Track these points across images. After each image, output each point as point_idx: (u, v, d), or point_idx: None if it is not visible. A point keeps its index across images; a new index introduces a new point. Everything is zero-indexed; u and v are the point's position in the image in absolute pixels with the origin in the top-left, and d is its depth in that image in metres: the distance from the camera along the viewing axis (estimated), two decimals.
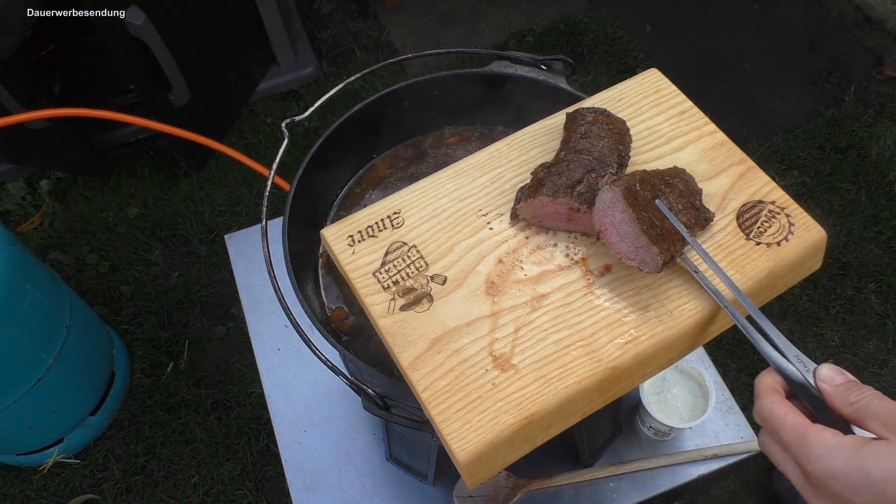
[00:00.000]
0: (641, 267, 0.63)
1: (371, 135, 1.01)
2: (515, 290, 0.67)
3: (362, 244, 0.71)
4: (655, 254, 0.61)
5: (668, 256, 0.62)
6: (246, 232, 1.44)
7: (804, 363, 0.52)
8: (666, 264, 0.62)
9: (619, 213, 0.63)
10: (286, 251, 0.85)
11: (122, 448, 1.75)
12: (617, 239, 0.63)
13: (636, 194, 0.62)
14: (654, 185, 0.64)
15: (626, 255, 0.64)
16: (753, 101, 2.25)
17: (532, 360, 0.63)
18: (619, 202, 0.62)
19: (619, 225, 0.63)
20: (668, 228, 0.62)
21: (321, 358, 0.76)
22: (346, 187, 1.03)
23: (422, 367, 0.63)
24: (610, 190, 0.62)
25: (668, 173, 0.66)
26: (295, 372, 1.26)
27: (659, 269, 0.62)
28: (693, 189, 0.66)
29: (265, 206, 0.86)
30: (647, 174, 0.64)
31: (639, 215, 0.61)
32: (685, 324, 0.64)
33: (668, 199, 0.64)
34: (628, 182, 0.63)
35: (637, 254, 0.63)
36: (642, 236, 0.61)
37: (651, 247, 0.61)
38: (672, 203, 0.64)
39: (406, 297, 0.67)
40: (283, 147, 0.88)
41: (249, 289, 1.36)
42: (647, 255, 0.62)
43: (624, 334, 0.64)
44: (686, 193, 0.65)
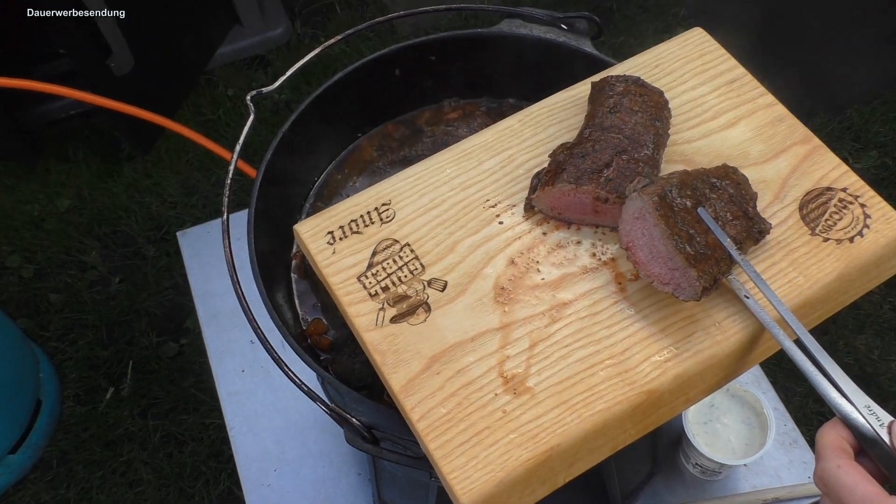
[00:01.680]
0: (676, 293, 0.62)
1: (355, 110, 1.02)
2: (531, 297, 0.67)
3: (344, 242, 0.71)
4: (693, 278, 0.60)
5: (710, 280, 0.60)
6: (203, 228, 1.44)
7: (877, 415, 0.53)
8: (707, 290, 0.60)
9: (649, 227, 0.61)
10: (252, 251, 0.86)
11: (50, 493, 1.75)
12: (647, 258, 0.63)
13: (672, 203, 0.62)
14: (697, 188, 0.63)
15: (658, 279, 0.63)
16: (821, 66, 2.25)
17: (551, 382, 0.63)
18: (649, 213, 0.62)
19: (649, 241, 0.63)
20: (711, 244, 0.61)
21: (295, 381, 0.77)
22: (325, 174, 1.04)
23: (417, 392, 0.63)
24: (639, 198, 0.61)
25: (715, 173, 0.65)
26: (263, 398, 1.26)
27: (697, 296, 0.60)
28: (746, 193, 0.65)
29: (227, 197, 0.86)
30: (687, 175, 0.64)
31: (674, 230, 0.61)
32: (737, 338, 0.65)
33: (713, 208, 0.63)
34: (663, 187, 0.62)
35: (671, 277, 0.62)
36: (678, 256, 0.60)
37: (688, 269, 0.60)
38: (719, 212, 0.63)
39: (398, 307, 0.68)
40: (249, 125, 0.89)
41: (207, 297, 1.36)
42: (683, 278, 0.61)
43: (662, 351, 0.64)
44: (737, 199, 0.64)
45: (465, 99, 1.03)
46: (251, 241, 0.87)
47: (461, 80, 1.02)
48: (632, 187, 0.64)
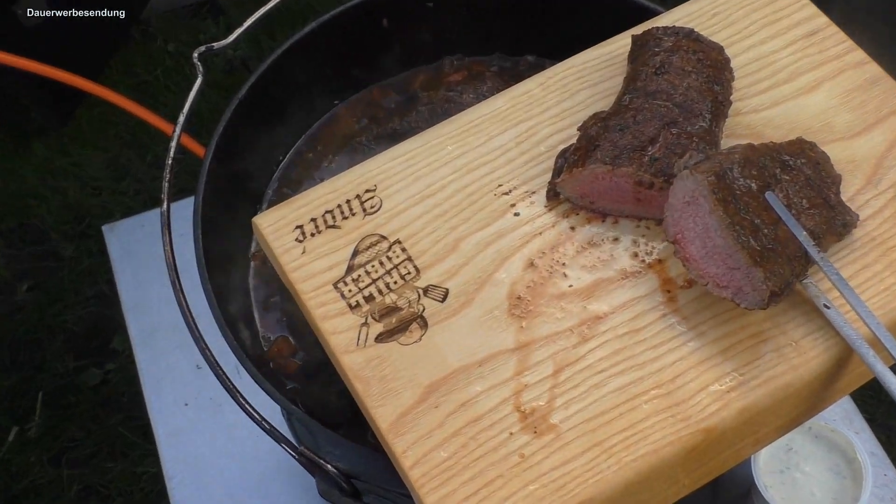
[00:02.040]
0: (737, 300, 0.62)
1: (331, 71, 1.02)
2: (555, 309, 0.68)
3: (317, 239, 0.72)
4: (758, 280, 0.60)
5: (780, 284, 0.60)
6: (136, 221, 1.45)
7: None
8: (776, 297, 0.60)
9: (704, 215, 0.61)
10: (200, 250, 0.86)
11: None
12: (700, 254, 0.63)
13: (733, 184, 0.62)
14: (765, 167, 0.64)
15: (713, 280, 0.63)
16: None
17: (581, 418, 0.63)
18: (704, 197, 0.62)
19: (703, 233, 0.63)
20: (782, 238, 0.62)
21: (254, 417, 0.77)
22: (293, 152, 1.04)
23: (410, 430, 0.63)
24: (691, 177, 0.62)
25: (788, 149, 0.66)
26: (212, 439, 1.27)
27: (764, 303, 0.60)
28: (827, 175, 0.66)
29: (167, 182, 0.87)
30: (752, 151, 0.64)
31: (735, 218, 0.61)
32: (819, 361, 0.65)
33: (785, 192, 0.63)
34: (721, 164, 0.62)
35: (731, 278, 0.61)
36: (739, 252, 0.60)
37: (753, 269, 0.59)
38: (792, 198, 0.63)
39: (385, 322, 0.68)
40: (195, 89, 0.89)
41: (141, 309, 1.37)
42: (745, 280, 0.61)
43: (724, 378, 0.64)
44: (816, 182, 0.65)
45: (472, 56, 1.04)
46: (198, 237, 0.87)
47: (466, 33, 1.02)
48: (681, 164, 0.64)
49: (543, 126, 0.75)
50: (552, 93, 0.77)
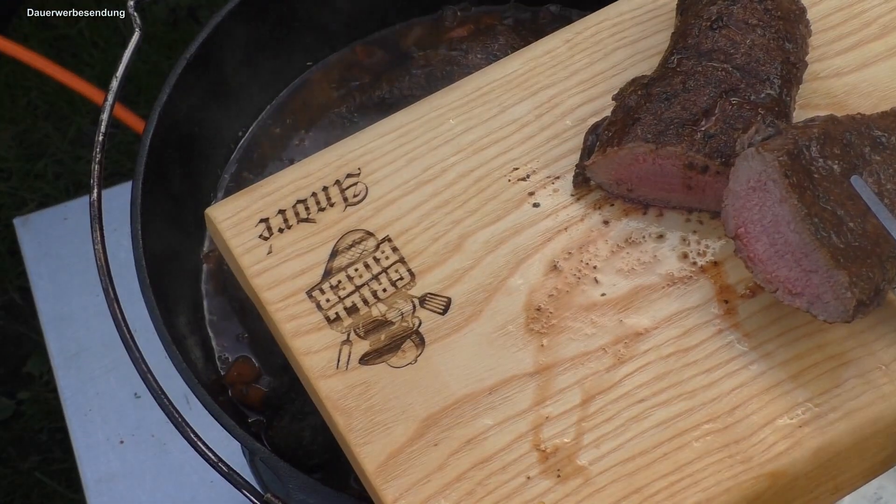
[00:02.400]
0: (813, 310, 0.63)
1: (303, 23, 1.03)
2: (584, 323, 0.69)
3: (287, 236, 0.72)
4: (842, 285, 0.60)
5: (869, 291, 0.61)
6: (56, 213, 1.45)
7: None
8: (862, 307, 0.62)
9: (773, 204, 0.63)
10: (139, 250, 0.87)
11: None
12: (767, 252, 0.64)
13: (811, 166, 0.62)
14: (850, 145, 0.64)
15: (784, 286, 0.64)
16: None
17: (616, 458, 0.64)
18: (775, 182, 0.62)
19: (772, 226, 0.63)
20: (871, 234, 0.62)
21: (208, 457, 0.78)
22: (256, 125, 1.05)
23: (403, 474, 0.64)
24: (758, 156, 0.63)
25: (880, 122, 0.66)
26: (154, 486, 1.27)
27: (849, 314, 0.62)
28: None
29: (96, 163, 0.87)
30: (835, 124, 0.65)
31: (813, 209, 0.61)
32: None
33: (876, 177, 0.64)
34: (796, 140, 0.63)
35: (806, 283, 0.63)
36: (818, 250, 0.61)
37: (835, 271, 0.60)
38: (885, 184, 0.64)
39: (372, 339, 0.69)
40: (132, 47, 0.90)
41: (64, 324, 1.37)
42: (825, 286, 0.61)
43: (795, 409, 0.65)
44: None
45: (480, 6, 1.05)
46: (137, 233, 0.88)
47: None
48: (745, 140, 0.65)
49: (570, 94, 0.76)
50: (581, 52, 0.78)
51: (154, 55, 2.06)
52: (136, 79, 1.93)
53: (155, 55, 2.06)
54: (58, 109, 2.14)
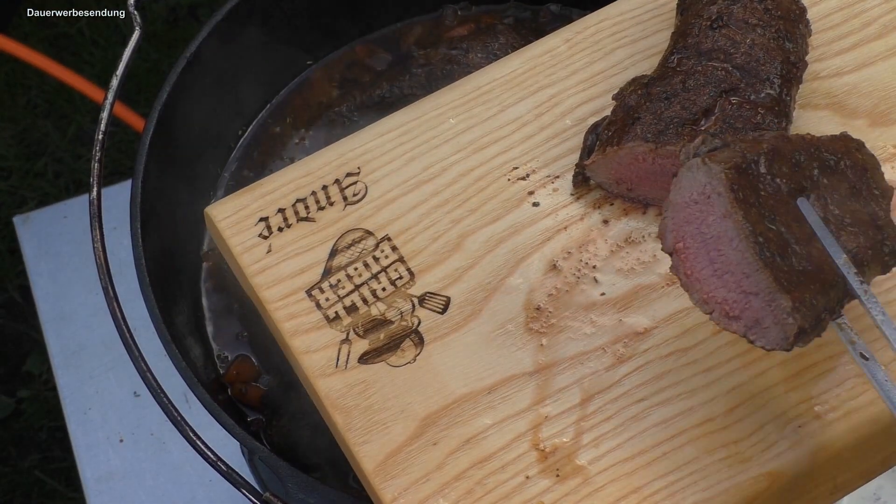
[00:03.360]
0: (750, 335, 0.59)
1: (304, 22, 1.03)
2: (584, 323, 0.69)
3: (286, 234, 0.72)
4: (784, 310, 0.57)
5: (811, 320, 0.57)
6: (56, 211, 1.45)
7: None
8: (803, 336, 0.57)
9: (716, 220, 0.59)
10: (139, 249, 0.87)
11: None
12: (706, 271, 0.60)
13: (757, 182, 0.60)
14: (799, 165, 0.62)
15: (720, 308, 0.60)
16: None
17: (615, 458, 0.64)
18: (719, 196, 0.59)
19: (713, 243, 0.59)
20: (816, 260, 0.59)
21: (207, 456, 0.78)
22: (256, 124, 1.05)
23: (402, 473, 0.64)
24: (703, 167, 0.59)
25: (830, 145, 0.64)
26: (154, 485, 1.27)
27: (788, 342, 0.57)
28: (876, 186, 0.64)
29: (96, 161, 0.87)
30: (784, 142, 0.63)
31: (759, 227, 0.58)
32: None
33: (823, 201, 0.61)
34: (745, 154, 0.60)
35: (746, 306, 0.58)
36: (762, 272, 0.57)
37: (778, 295, 0.57)
38: (831, 208, 0.61)
39: (372, 338, 0.69)
40: (132, 45, 0.90)
41: (63, 323, 1.37)
42: (765, 311, 0.58)
43: (796, 408, 0.65)
44: (862, 193, 0.62)
45: (480, 5, 1.05)
46: (137, 231, 0.88)
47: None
48: (691, 149, 0.62)
49: (570, 94, 0.76)
50: (581, 52, 0.78)
51: (154, 54, 2.06)
52: (136, 77, 1.93)
53: (155, 54, 2.06)
54: (58, 108, 2.14)
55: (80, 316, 1.38)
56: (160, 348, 0.84)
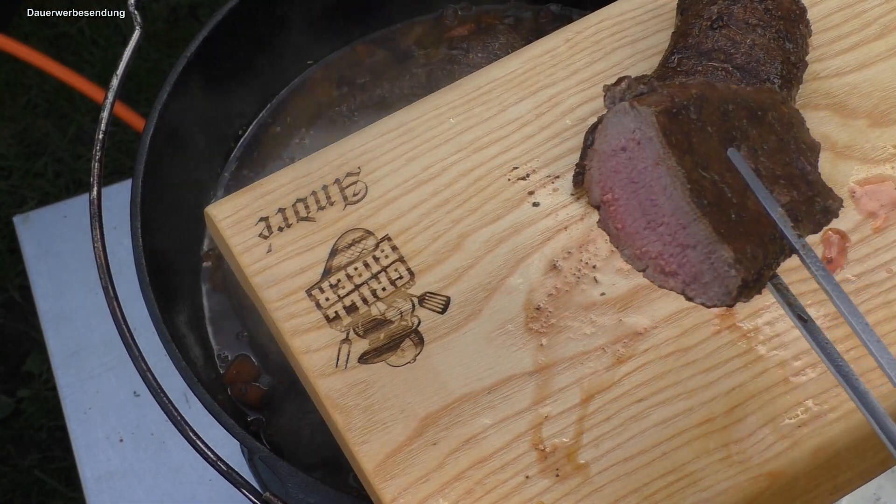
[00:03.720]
0: (689, 292, 0.55)
1: (304, 22, 1.03)
2: (584, 323, 0.69)
3: (286, 234, 0.73)
4: (726, 262, 0.52)
5: (754, 273, 0.53)
6: (56, 210, 1.45)
7: None
8: (746, 290, 0.53)
9: (647, 167, 0.55)
10: (139, 248, 0.87)
11: None
12: (638, 224, 0.56)
13: (689, 128, 0.55)
14: (728, 115, 0.58)
15: (655, 263, 0.56)
16: None
17: (615, 458, 0.65)
18: (649, 140, 0.54)
19: (644, 193, 0.55)
20: (753, 212, 0.55)
21: (207, 456, 0.78)
22: (256, 124, 1.05)
23: (402, 473, 0.65)
24: (631, 111, 0.55)
25: (757, 99, 0.60)
26: (154, 484, 1.27)
27: (731, 297, 0.53)
28: (803, 141, 0.60)
29: (96, 161, 0.87)
30: (712, 90, 0.59)
31: (693, 174, 0.53)
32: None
33: (753, 152, 0.58)
34: (674, 99, 0.56)
35: (683, 261, 0.54)
36: (700, 220, 0.53)
37: (718, 246, 0.53)
38: (762, 160, 0.58)
39: (372, 337, 0.69)
40: (133, 45, 0.90)
41: (63, 322, 1.37)
42: (704, 264, 0.53)
43: (794, 409, 0.65)
44: (789, 146, 0.59)
45: (481, 5, 1.05)
46: (137, 231, 0.88)
47: None
48: (616, 93, 0.58)
49: (570, 94, 0.76)
50: (581, 52, 0.78)
51: (154, 53, 2.06)
52: (137, 77, 1.93)
53: (155, 53, 2.06)
54: (58, 107, 2.15)
55: (80, 315, 1.38)
56: (160, 348, 0.84)
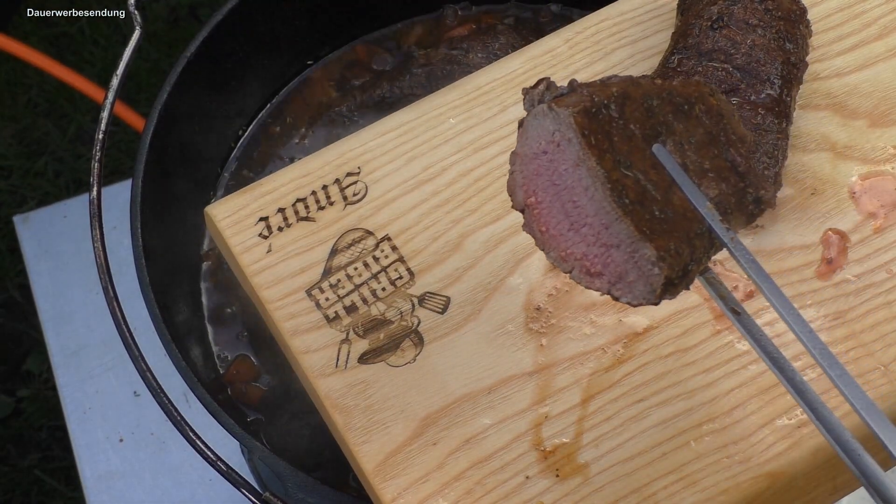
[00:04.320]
0: (615, 292, 0.55)
1: (304, 22, 1.03)
2: (584, 323, 0.69)
3: (286, 234, 0.73)
4: (649, 260, 0.53)
5: (678, 270, 0.53)
6: (56, 210, 1.45)
7: None
8: (671, 287, 0.53)
9: (567, 168, 0.55)
10: (139, 248, 0.88)
11: None
12: (562, 226, 0.56)
13: (609, 126, 0.55)
14: (652, 111, 0.57)
15: (580, 264, 0.56)
16: None
17: (616, 458, 0.65)
18: (569, 141, 0.54)
19: (566, 194, 0.55)
20: (678, 208, 0.55)
21: (207, 456, 0.78)
22: (256, 124, 1.05)
23: (402, 473, 0.65)
24: (550, 113, 0.55)
25: (682, 91, 0.59)
26: (153, 484, 1.27)
27: (655, 295, 0.53)
28: (734, 133, 0.60)
29: (97, 161, 0.88)
30: (634, 86, 0.58)
31: (613, 173, 0.53)
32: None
33: (680, 147, 0.57)
34: (593, 98, 0.55)
35: (607, 261, 0.54)
36: (622, 219, 0.53)
37: (641, 244, 0.53)
38: (689, 154, 0.57)
39: (371, 338, 0.69)
40: (133, 45, 0.90)
41: (63, 322, 1.37)
42: (628, 263, 0.54)
43: (794, 410, 0.66)
44: (720, 140, 0.59)
45: (481, 5, 1.05)
46: (137, 231, 0.88)
47: None
48: (535, 95, 0.57)
49: None
50: (581, 52, 0.78)
51: (154, 53, 2.06)
52: (137, 77, 1.94)
53: (155, 53, 2.06)
54: (58, 107, 2.15)
55: (80, 315, 1.38)
56: (160, 348, 0.84)
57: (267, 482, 1.03)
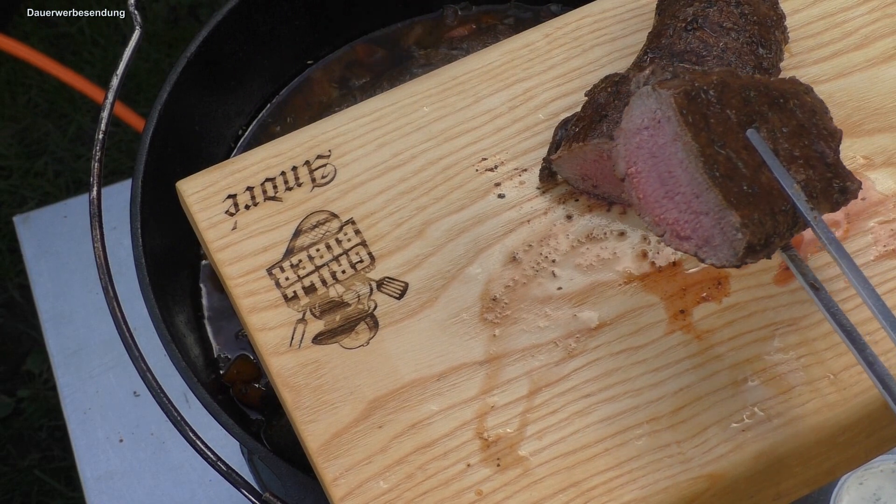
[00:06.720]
0: (701, 254, 0.62)
1: (304, 22, 1.05)
2: (538, 316, 0.71)
3: (252, 213, 0.76)
4: (733, 226, 0.59)
5: (761, 237, 0.60)
6: (56, 210, 1.46)
7: None
8: (753, 251, 0.60)
9: (666, 143, 0.62)
10: (139, 248, 0.90)
11: None
12: (658, 193, 0.63)
13: (706, 109, 0.62)
14: (749, 100, 0.65)
15: (672, 228, 0.63)
16: None
17: (557, 451, 0.67)
18: (668, 119, 0.62)
19: (664, 165, 0.62)
20: (765, 185, 0.61)
21: (207, 456, 0.80)
22: (256, 124, 1.08)
23: (346, 454, 0.67)
24: (653, 94, 0.63)
25: (780, 86, 0.67)
26: (153, 485, 1.28)
27: (737, 257, 0.60)
28: (825, 127, 0.66)
29: (96, 161, 0.90)
30: (734, 78, 0.66)
31: (707, 149, 0.61)
32: (861, 401, 0.67)
33: (772, 134, 0.63)
34: (693, 82, 0.63)
35: (696, 226, 0.61)
36: (711, 189, 0.60)
37: (727, 212, 0.60)
38: (780, 142, 0.63)
39: (327, 319, 0.72)
40: (133, 45, 0.93)
41: (63, 322, 1.39)
42: (715, 228, 0.61)
43: (740, 413, 0.67)
44: (811, 131, 0.65)
45: (481, 5, 1.07)
46: (137, 231, 0.91)
47: None
48: (641, 79, 0.66)
49: (545, 88, 0.79)
50: (560, 47, 0.80)
51: (154, 53, 2.09)
52: (137, 77, 1.97)
53: (155, 53, 2.09)
54: (58, 107, 2.17)
55: (79, 315, 1.41)
56: (160, 348, 0.87)
57: (267, 482, 1.04)
